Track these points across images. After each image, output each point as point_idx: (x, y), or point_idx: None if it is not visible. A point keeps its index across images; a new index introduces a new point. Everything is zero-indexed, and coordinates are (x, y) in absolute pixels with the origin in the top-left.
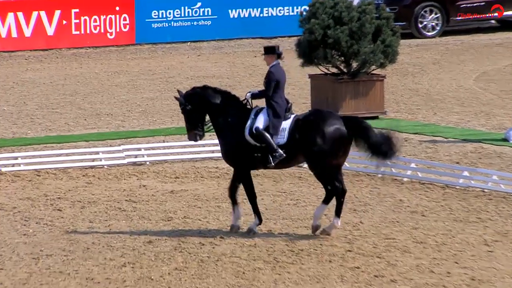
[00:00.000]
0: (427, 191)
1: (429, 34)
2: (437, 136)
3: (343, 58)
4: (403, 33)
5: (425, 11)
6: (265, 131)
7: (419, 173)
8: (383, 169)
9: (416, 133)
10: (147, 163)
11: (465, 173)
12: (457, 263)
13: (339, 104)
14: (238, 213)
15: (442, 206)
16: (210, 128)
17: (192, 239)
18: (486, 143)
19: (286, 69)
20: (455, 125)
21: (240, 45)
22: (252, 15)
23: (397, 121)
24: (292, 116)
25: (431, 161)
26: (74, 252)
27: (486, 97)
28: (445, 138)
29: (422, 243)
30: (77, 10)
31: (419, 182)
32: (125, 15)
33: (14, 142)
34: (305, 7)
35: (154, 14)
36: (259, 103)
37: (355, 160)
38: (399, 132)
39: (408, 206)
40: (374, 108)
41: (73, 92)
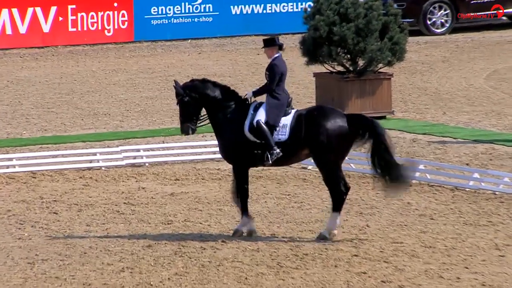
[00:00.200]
0: (436, 193)
1: (438, 31)
2: (446, 137)
3: (349, 56)
4: (411, 30)
5: (434, 7)
6: (266, 124)
7: (427, 175)
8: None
9: (424, 134)
10: (146, 164)
11: (476, 175)
12: (467, 268)
13: (345, 104)
14: (245, 221)
15: (451, 209)
16: (205, 123)
17: (193, 243)
18: (497, 144)
19: (290, 67)
20: (465, 125)
21: (243, 43)
22: (255, 11)
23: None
24: (293, 112)
25: (440, 162)
26: (71, 257)
27: (497, 96)
28: (455, 138)
29: (430, 247)
30: (74, 6)
31: (428, 184)
32: (124, 12)
33: (8, 143)
34: (310, 3)
35: (153, 10)
36: (259, 99)
37: (361, 161)
38: (407, 132)
39: (416, 209)
40: (381, 107)
41: (70, 91)
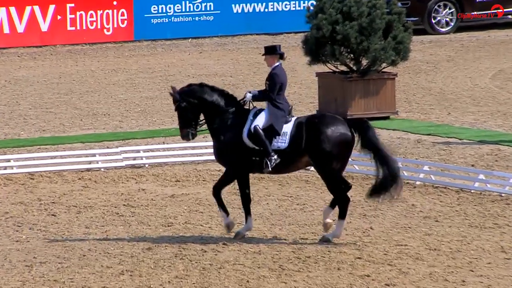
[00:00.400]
0: (440, 195)
1: (443, 30)
2: (451, 138)
3: (352, 55)
4: (415, 29)
5: (439, 6)
6: (264, 131)
7: (432, 176)
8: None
9: (429, 134)
10: (146, 165)
11: (481, 176)
12: (472, 271)
13: (348, 104)
14: (249, 224)
15: (456, 211)
16: (204, 128)
17: (193, 246)
18: (503, 144)
19: (292, 67)
20: (470, 126)
21: (244, 42)
22: (257, 10)
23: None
24: (293, 119)
25: (445, 163)
26: (70, 260)
27: (503, 96)
28: (460, 139)
29: (435, 250)
30: (73, 4)
31: (432, 186)
32: (123, 10)
33: (6, 144)
34: (312, 1)
35: (153, 9)
36: (258, 104)
37: (364, 163)
38: (411, 133)
39: (420, 211)
40: (385, 108)
41: (69, 91)
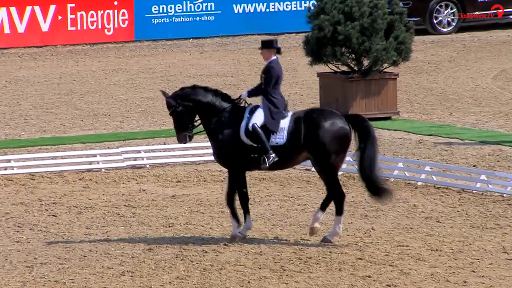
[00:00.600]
0: (442, 195)
1: (445, 30)
2: (453, 138)
3: (353, 56)
4: (417, 29)
5: (440, 6)
6: (262, 128)
7: (434, 176)
8: (396, 172)
9: (430, 135)
10: (147, 166)
11: (483, 177)
12: (474, 271)
13: (349, 104)
14: (249, 224)
15: (458, 211)
16: (201, 130)
17: (194, 247)
18: (505, 145)
19: (293, 67)
20: (472, 126)
21: (245, 42)
22: (258, 10)
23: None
24: (290, 114)
25: (447, 164)
26: (70, 260)
27: (505, 96)
28: (462, 140)
29: (437, 250)
30: (73, 5)
31: (434, 186)
32: (124, 10)
33: (7, 144)
34: (314, 1)
35: (154, 9)
36: (254, 101)
37: None
38: (413, 133)
39: (422, 212)
40: (387, 108)
41: (69, 91)
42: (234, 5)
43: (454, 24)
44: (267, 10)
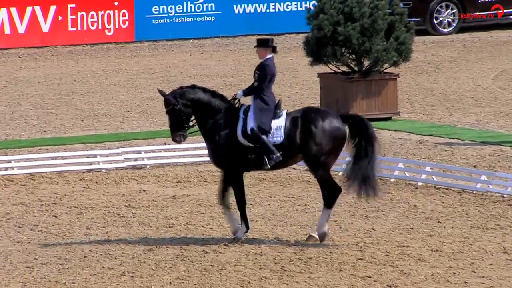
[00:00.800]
0: (442, 196)
1: (445, 30)
2: (453, 138)
3: (354, 56)
4: (417, 29)
5: (441, 6)
6: (259, 129)
7: (434, 177)
8: (396, 173)
9: (431, 135)
10: (148, 166)
11: (483, 177)
12: (474, 272)
13: (349, 105)
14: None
15: (458, 212)
16: (196, 130)
17: (194, 247)
18: (505, 145)
19: (294, 68)
20: (472, 127)
21: (246, 42)
22: (258, 10)
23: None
24: (284, 113)
25: (447, 164)
26: (71, 261)
27: (506, 97)
28: (462, 140)
29: (437, 251)
30: (74, 5)
31: (434, 187)
32: (124, 11)
33: (7, 144)
34: (314, 2)
35: (154, 9)
36: (247, 100)
37: None
38: (413, 134)
39: (422, 212)
40: (387, 108)
41: (70, 91)
42: (234, 6)
43: (454, 24)
44: (268, 10)
